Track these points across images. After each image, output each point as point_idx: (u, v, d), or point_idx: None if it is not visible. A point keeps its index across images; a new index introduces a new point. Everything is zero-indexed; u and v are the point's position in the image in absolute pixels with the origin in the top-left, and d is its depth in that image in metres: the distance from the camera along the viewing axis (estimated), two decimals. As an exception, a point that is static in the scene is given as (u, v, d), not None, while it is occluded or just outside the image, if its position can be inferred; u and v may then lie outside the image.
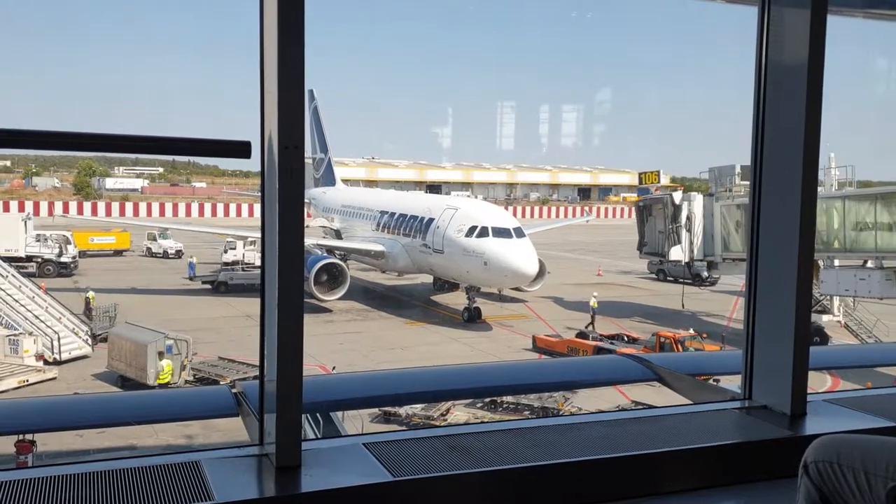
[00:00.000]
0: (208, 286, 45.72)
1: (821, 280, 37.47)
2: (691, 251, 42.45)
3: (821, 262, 38.73)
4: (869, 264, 35.50)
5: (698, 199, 42.67)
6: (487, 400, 25.41)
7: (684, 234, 42.24)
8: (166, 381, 27.52)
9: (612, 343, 33.90)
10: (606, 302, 43.31)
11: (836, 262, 37.35)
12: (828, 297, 39.29)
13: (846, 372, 23.36)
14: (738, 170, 42.14)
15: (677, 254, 42.37)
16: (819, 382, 23.22)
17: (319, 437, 5.75)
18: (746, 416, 4.44)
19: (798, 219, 4.18)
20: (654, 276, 54.92)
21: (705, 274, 48.38)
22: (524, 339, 36.04)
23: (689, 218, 42.16)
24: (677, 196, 43.33)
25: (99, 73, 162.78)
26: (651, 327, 38.07)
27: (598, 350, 32.17)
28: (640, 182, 58.18)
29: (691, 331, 35.87)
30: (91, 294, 38.53)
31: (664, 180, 58.05)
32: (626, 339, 35.19)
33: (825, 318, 39.24)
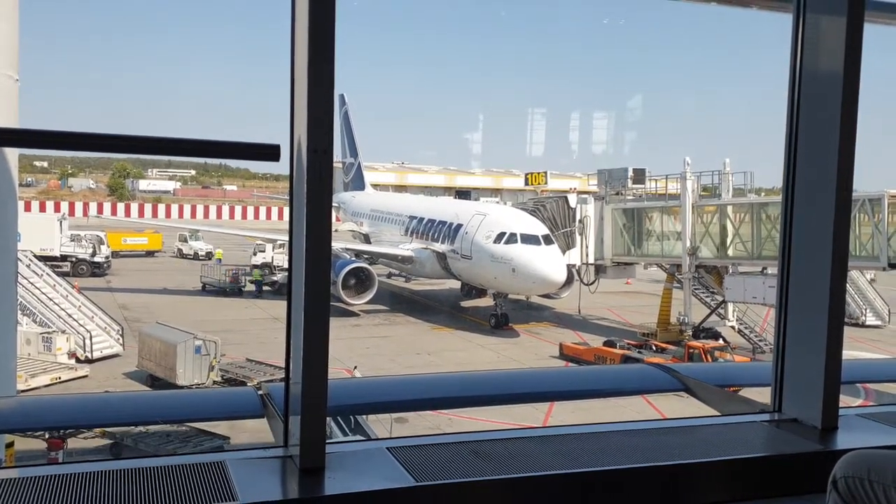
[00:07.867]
0: (269, 287, 47.05)
1: (725, 287, 37.01)
2: (586, 255, 41.98)
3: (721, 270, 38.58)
4: (769, 271, 34.72)
5: (591, 202, 42.24)
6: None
7: (578, 237, 41.80)
8: None
9: (639, 352, 33.59)
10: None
11: (741, 269, 37.09)
12: (722, 306, 38.91)
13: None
14: (630, 173, 41.78)
15: (574, 257, 41.75)
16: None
17: (345, 440, 5.75)
18: (776, 430, 4.36)
19: (831, 229, 4.10)
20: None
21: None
22: (551, 347, 35.88)
23: (581, 221, 41.78)
24: (572, 199, 42.76)
25: (135, 79, 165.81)
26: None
27: (626, 359, 31.91)
28: (527, 183, 57.27)
29: (720, 341, 35.43)
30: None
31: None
32: (653, 348, 34.86)
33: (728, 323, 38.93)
